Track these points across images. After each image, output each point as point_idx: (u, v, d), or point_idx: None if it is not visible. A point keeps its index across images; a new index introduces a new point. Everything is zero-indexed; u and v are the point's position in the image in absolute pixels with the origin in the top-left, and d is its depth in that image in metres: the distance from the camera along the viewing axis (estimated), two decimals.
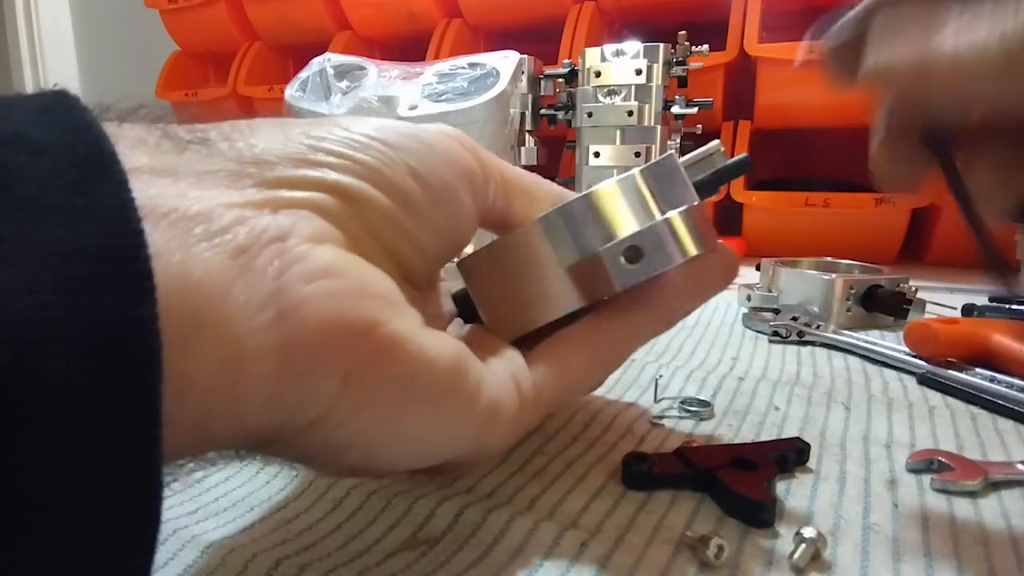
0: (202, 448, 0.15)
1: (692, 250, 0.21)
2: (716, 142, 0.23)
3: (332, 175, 0.17)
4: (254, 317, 0.14)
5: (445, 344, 0.18)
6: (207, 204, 0.14)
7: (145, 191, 0.13)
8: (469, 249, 0.24)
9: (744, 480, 0.22)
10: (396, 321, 0.16)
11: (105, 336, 0.11)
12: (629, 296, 0.22)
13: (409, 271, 0.19)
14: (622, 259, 0.21)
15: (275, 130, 0.17)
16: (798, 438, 0.26)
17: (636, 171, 0.22)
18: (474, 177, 0.21)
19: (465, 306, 0.24)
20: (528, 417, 0.21)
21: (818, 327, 0.44)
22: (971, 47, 0.18)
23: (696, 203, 0.21)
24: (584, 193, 0.22)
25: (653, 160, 0.22)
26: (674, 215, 0.20)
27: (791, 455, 0.25)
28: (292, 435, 0.16)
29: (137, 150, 0.14)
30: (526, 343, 0.22)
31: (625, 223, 0.21)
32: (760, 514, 0.21)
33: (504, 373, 0.20)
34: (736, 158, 0.23)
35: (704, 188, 0.23)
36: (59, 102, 0.14)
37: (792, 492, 0.23)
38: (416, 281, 0.20)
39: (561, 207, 0.21)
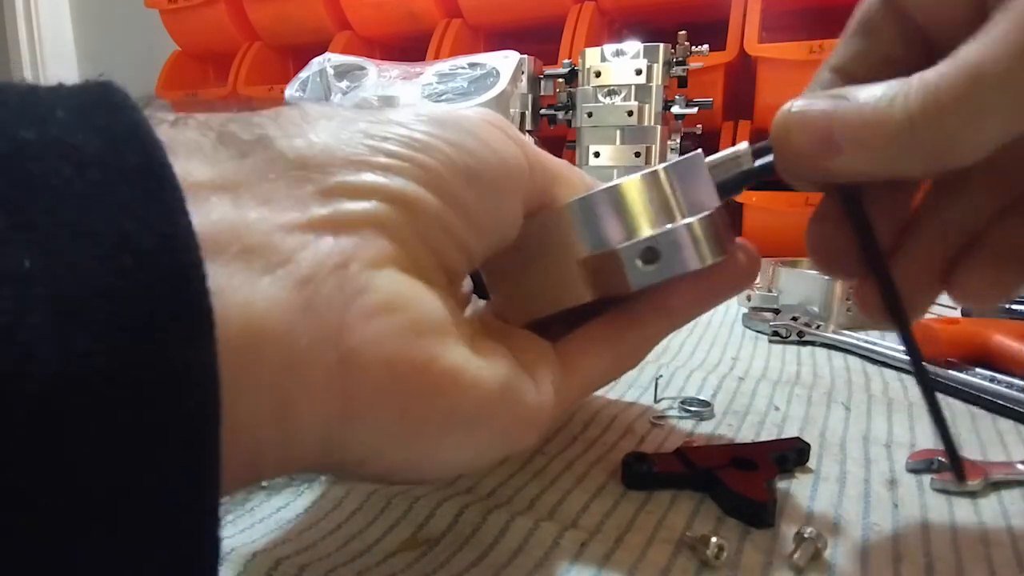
0: (252, 482, 0.15)
1: (709, 258, 0.20)
2: (744, 144, 0.22)
3: (394, 181, 0.16)
4: (316, 362, 0.13)
5: (494, 370, 0.17)
6: (268, 227, 0.13)
7: (205, 215, 0.12)
8: None
9: (744, 480, 0.22)
10: (450, 353, 0.16)
11: (156, 385, 0.10)
12: (646, 297, 0.22)
13: (455, 274, 0.19)
14: (639, 260, 0.20)
15: (332, 124, 0.16)
16: (798, 438, 0.26)
17: (661, 167, 0.21)
18: (522, 172, 0.20)
19: (481, 284, 0.24)
20: (554, 418, 0.20)
21: (818, 327, 0.44)
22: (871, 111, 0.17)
23: (718, 206, 0.21)
24: (607, 186, 0.21)
25: (680, 156, 0.21)
26: (695, 221, 0.20)
27: (791, 455, 0.25)
28: (337, 468, 0.16)
29: (194, 158, 0.13)
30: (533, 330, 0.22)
31: (645, 221, 0.21)
32: (760, 514, 0.21)
33: (547, 384, 0.20)
34: (762, 161, 0.22)
35: (726, 189, 0.22)
36: (104, 99, 0.13)
37: (792, 492, 0.23)
38: (457, 279, 0.19)
39: (582, 198, 0.21)
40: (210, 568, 0.11)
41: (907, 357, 0.21)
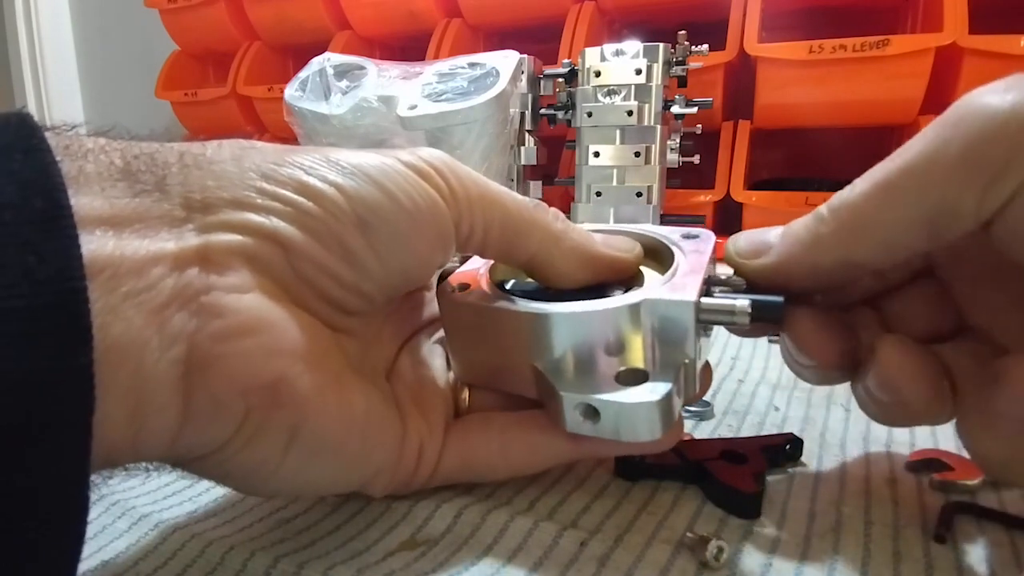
0: (107, 466, 0.16)
1: (645, 437, 0.19)
2: (746, 301, 0.19)
3: (270, 221, 0.17)
4: (163, 375, 0.15)
5: (348, 406, 0.19)
6: (141, 256, 0.15)
7: (87, 246, 0.14)
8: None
9: (733, 472, 0.22)
10: (302, 378, 0.17)
11: (44, 383, 0.13)
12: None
13: (350, 310, 0.20)
14: (578, 412, 0.20)
15: (234, 168, 0.18)
16: (790, 434, 0.26)
17: (644, 299, 0.20)
18: (436, 220, 0.20)
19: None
20: (418, 482, 0.22)
21: None
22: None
23: (686, 365, 0.20)
24: (578, 309, 0.20)
25: (672, 293, 0.19)
26: (655, 400, 0.19)
27: (782, 449, 0.25)
28: (187, 463, 0.18)
29: (93, 193, 0.15)
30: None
31: (602, 361, 0.20)
32: (747, 505, 0.21)
33: (414, 442, 0.21)
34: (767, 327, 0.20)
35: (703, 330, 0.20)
36: (23, 141, 0.14)
37: (794, 493, 0.23)
38: (358, 312, 0.20)
39: (544, 314, 0.21)
40: (79, 521, 0.14)
41: None
